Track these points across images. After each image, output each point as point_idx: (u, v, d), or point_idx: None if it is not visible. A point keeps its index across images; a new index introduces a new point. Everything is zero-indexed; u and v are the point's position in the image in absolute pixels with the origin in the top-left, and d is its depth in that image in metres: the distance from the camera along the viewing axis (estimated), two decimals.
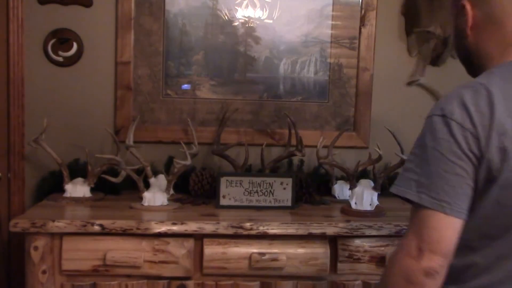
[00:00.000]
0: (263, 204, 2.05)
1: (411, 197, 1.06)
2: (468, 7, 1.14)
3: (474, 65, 1.19)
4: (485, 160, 1.02)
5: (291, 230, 1.83)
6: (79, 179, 2.13)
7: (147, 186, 2.07)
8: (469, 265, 1.11)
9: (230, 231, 1.81)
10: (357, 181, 2.07)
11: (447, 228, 1.03)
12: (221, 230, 1.81)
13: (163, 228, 1.79)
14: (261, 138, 2.35)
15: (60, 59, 2.28)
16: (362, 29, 2.37)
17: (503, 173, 1.02)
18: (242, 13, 2.33)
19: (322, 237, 1.85)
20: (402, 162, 2.03)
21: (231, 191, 2.04)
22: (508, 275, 1.09)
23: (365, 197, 2.00)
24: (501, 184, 1.02)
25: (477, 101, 1.03)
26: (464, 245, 1.08)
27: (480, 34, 1.14)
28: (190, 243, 1.82)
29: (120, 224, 1.78)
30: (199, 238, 1.83)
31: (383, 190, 2.10)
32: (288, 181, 2.05)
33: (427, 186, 1.05)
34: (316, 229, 1.83)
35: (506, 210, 1.05)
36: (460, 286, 1.12)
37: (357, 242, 1.86)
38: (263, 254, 1.82)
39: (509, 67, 1.09)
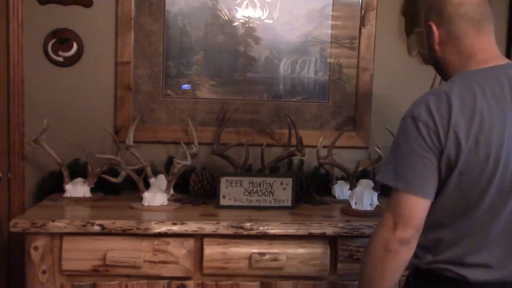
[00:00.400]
0: (263, 204, 2.05)
1: (391, 183, 1.31)
2: (434, 27, 1.39)
3: (444, 72, 1.44)
4: (445, 153, 1.26)
5: (291, 230, 1.83)
6: (79, 179, 2.13)
7: (147, 186, 2.07)
8: (441, 238, 1.34)
9: (230, 231, 1.81)
10: (357, 181, 2.07)
11: (417, 206, 1.28)
12: (221, 230, 1.81)
13: (163, 228, 1.79)
14: (261, 138, 2.35)
15: (60, 59, 2.28)
16: (362, 29, 2.37)
17: (459, 163, 1.26)
18: (242, 13, 2.33)
19: (322, 237, 1.85)
20: None
21: (231, 191, 2.04)
22: (475, 247, 1.31)
23: (365, 197, 2.00)
24: (458, 171, 1.27)
25: (439, 106, 1.27)
26: (435, 223, 1.33)
27: (445, 48, 1.39)
28: (190, 243, 1.82)
29: (120, 224, 1.78)
30: (199, 238, 1.83)
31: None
32: (288, 181, 2.05)
33: (402, 173, 1.30)
34: (316, 229, 1.83)
35: (464, 192, 1.28)
36: (436, 257, 1.35)
37: (357, 242, 1.86)
38: (263, 254, 1.82)
39: (466, 76, 1.33)
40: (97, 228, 1.77)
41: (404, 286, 1.49)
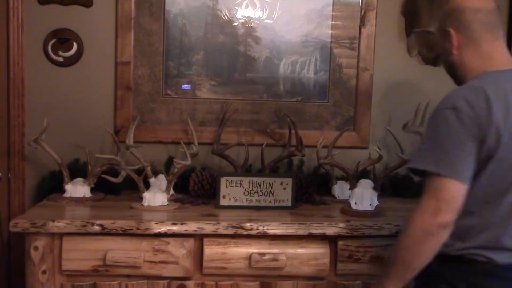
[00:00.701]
0: (263, 204, 2.05)
1: (431, 169, 1.38)
2: (453, 33, 1.50)
3: (458, 74, 1.54)
4: (485, 142, 1.36)
5: (291, 230, 1.83)
6: (79, 179, 2.13)
7: (147, 186, 2.07)
8: (469, 225, 1.42)
9: (230, 231, 1.81)
10: (357, 181, 2.07)
11: (458, 191, 1.36)
12: (221, 230, 1.81)
13: (163, 228, 1.79)
14: (261, 138, 2.35)
15: (60, 59, 2.28)
16: (362, 29, 2.37)
17: (498, 152, 1.36)
18: (242, 13, 2.33)
19: (322, 237, 1.85)
20: (402, 162, 2.03)
21: (231, 191, 2.04)
22: (504, 232, 1.41)
23: (365, 197, 2.00)
24: (496, 159, 1.36)
25: (477, 99, 1.37)
26: (465, 210, 1.39)
27: (463, 52, 1.50)
28: (190, 243, 1.82)
29: (120, 224, 1.78)
30: (199, 238, 1.83)
31: (383, 190, 2.10)
32: (288, 181, 2.05)
33: (444, 160, 1.37)
34: (316, 229, 1.83)
35: (496, 181, 1.39)
36: (466, 243, 1.43)
37: (357, 242, 1.86)
38: (263, 254, 1.82)
39: (492, 75, 1.44)
40: (97, 228, 1.77)
41: (424, 274, 1.49)
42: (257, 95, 2.38)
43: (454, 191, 1.36)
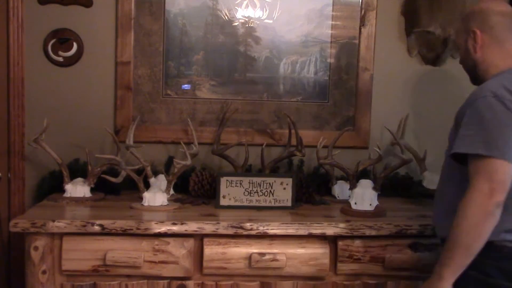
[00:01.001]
0: (263, 204, 2.04)
1: (483, 152, 1.44)
2: (478, 32, 1.61)
3: (478, 71, 1.64)
4: None
5: (291, 230, 1.83)
6: (79, 179, 2.13)
7: (147, 186, 2.07)
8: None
9: (230, 231, 1.81)
10: (357, 181, 2.07)
11: (509, 172, 1.44)
12: (221, 230, 1.81)
13: (163, 228, 1.79)
14: (261, 138, 2.35)
15: (60, 59, 2.28)
16: (362, 29, 2.37)
17: None
18: (242, 13, 2.33)
19: (322, 237, 1.85)
20: (402, 162, 2.03)
21: (231, 191, 2.04)
22: None
23: (365, 197, 2.00)
24: None
25: None
26: None
27: (486, 51, 1.62)
28: (190, 243, 1.82)
29: (120, 224, 1.78)
30: (199, 238, 1.83)
31: (383, 190, 2.10)
32: (288, 181, 2.05)
33: (496, 143, 1.44)
34: (316, 229, 1.83)
35: None
36: (497, 227, 1.45)
37: (357, 242, 1.86)
38: (263, 254, 1.82)
39: None
40: (97, 228, 1.77)
41: None
42: (257, 95, 2.38)
43: (505, 172, 1.43)
